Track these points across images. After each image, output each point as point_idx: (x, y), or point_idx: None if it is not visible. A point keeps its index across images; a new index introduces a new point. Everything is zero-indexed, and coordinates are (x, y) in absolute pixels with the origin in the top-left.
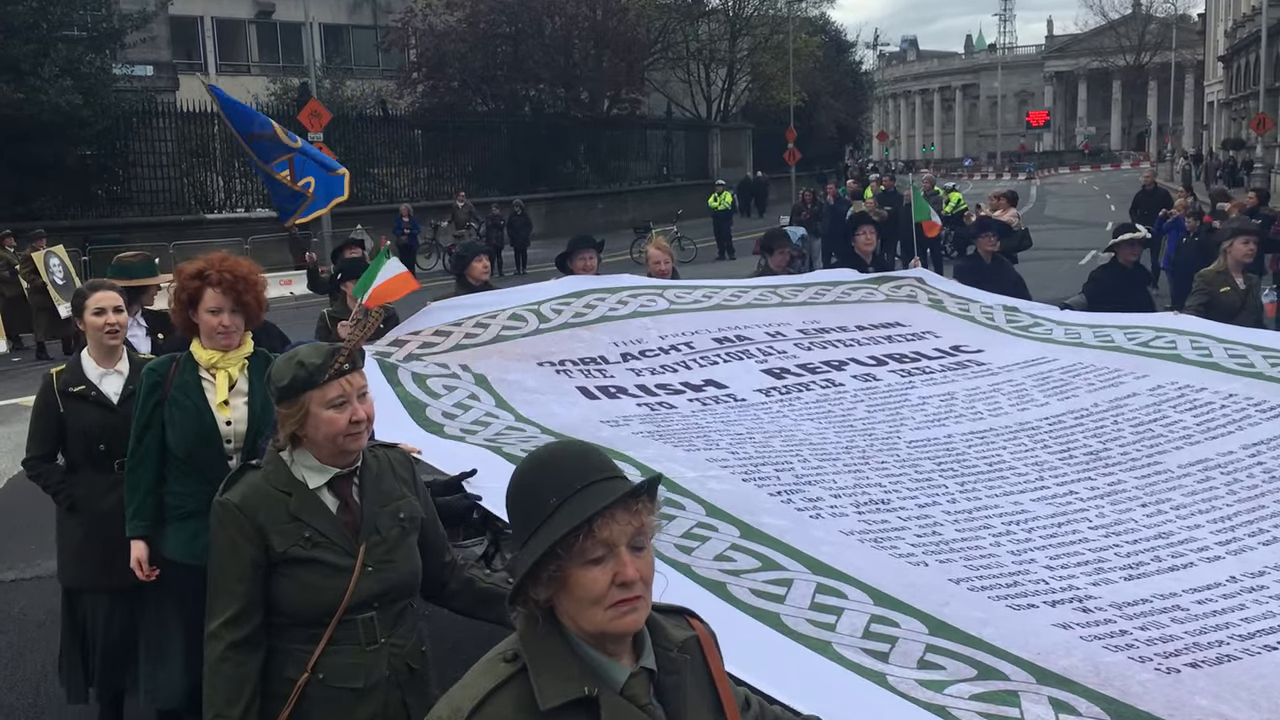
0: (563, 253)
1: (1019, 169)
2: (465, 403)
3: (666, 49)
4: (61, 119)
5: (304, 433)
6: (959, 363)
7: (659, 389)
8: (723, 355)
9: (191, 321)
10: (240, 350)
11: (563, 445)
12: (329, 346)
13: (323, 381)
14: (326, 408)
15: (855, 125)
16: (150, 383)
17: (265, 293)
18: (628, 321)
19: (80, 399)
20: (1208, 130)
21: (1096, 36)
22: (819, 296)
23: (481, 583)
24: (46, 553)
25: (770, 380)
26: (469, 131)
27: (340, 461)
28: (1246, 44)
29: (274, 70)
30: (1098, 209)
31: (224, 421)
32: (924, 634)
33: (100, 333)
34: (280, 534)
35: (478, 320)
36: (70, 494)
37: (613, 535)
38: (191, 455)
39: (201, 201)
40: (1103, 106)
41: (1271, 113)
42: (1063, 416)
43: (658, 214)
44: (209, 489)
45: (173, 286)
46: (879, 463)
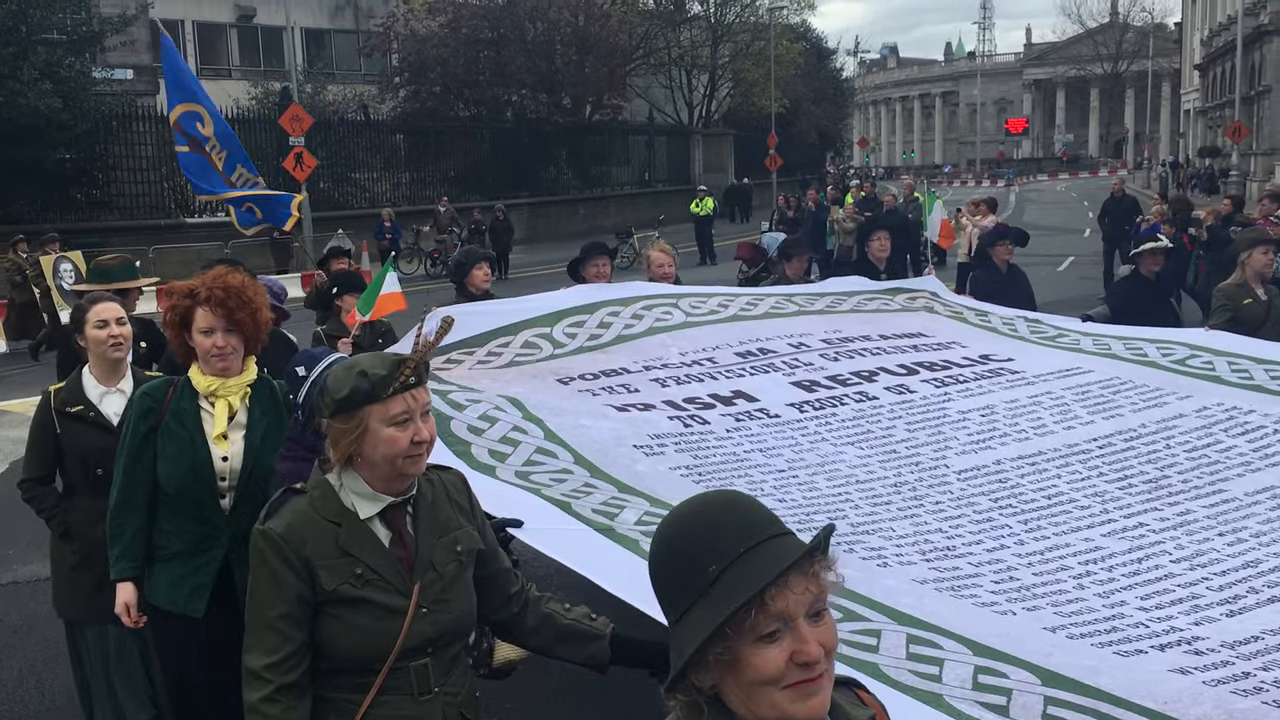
0: (574, 259)
1: (998, 176)
2: (491, 415)
3: (648, 55)
4: (40, 122)
5: (359, 452)
6: (991, 370)
7: (687, 403)
8: (748, 369)
9: (188, 346)
10: (242, 377)
11: (714, 498)
12: (394, 356)
13: (386, 395)
14: (388, 425)
15: (836, 132)
16: (143, 408)
17: (266, 311)
18: (645, 339)
19: (78, 420)
20: (1184, 138)
21: (1074, 45)
22: (836, 305)
23: (562, 618)
24: (22, 558)
25: (801, 394)
26: (451, 136)
27: (395, 488)
28: (1222, 52)
29: (255, 74)
30: (1076, 215)
31: (219, 456)
32: (1037, 685)
33: (104, 346)
34: (329, 570)
35: (490, 349)
36: (64, 519)
37: (789, 607)
38: (182, 491)
39: (182, 205)
40: (1081, 114)
41: (1247, 121)
42: (1111, 438)
43: (639, 219)
44: (196, 529)
45: (166, 309)
46: (934, 504)
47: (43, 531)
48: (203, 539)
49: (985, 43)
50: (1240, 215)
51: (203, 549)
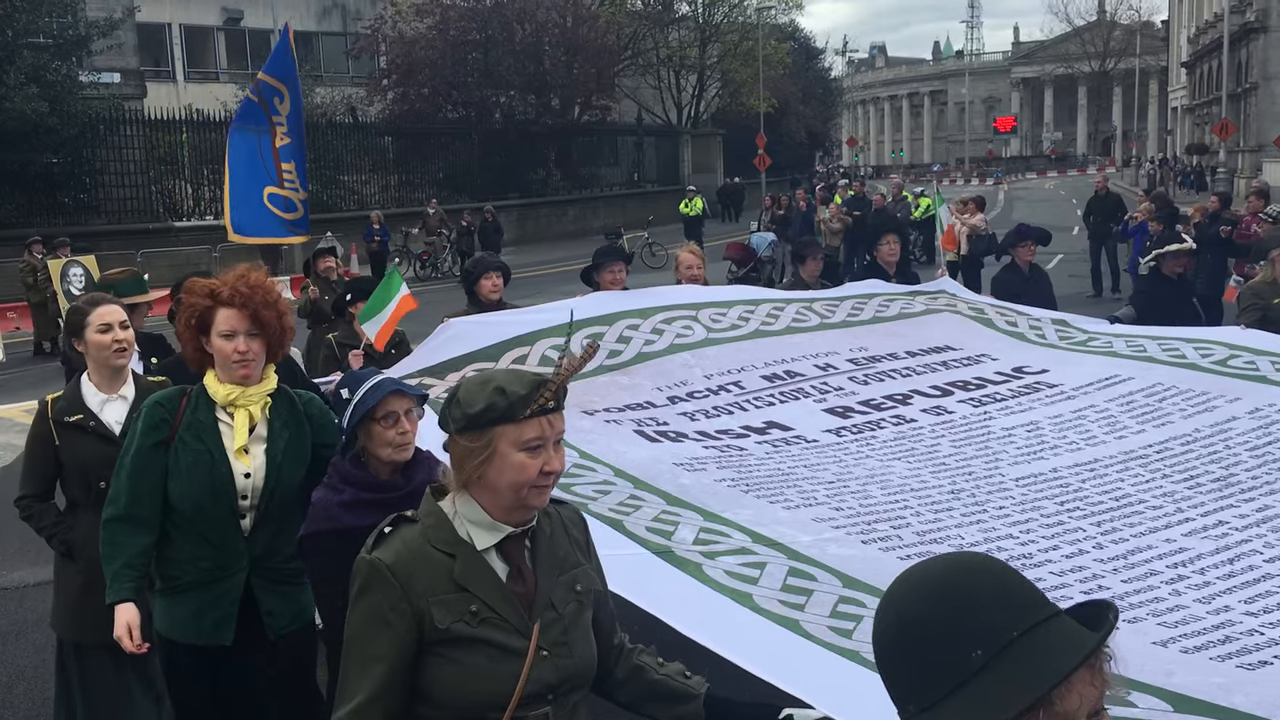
0: (587, 266)
1: (987, 174)
2: None
3: (637, 56)
4: (27, 126)
5: (482, 477)
6: (1027, 386)
7: (720, 434)
8: (776, 395)
9: (204, 351)
10: (263, 385)
11: (965, 561)
12: (533, 375)
13: (523, 417)
14: (519, 449)
15: (825, 131)
16: (154, 419)
17: (291, 315)
18: (667, 359)
19: (78, 430)
20: (1172, 135)
21: (1062, 43)
22: (856, 314)
23: (653, 672)
24: (10, 564)
25: (836, 420)
26: (439, 138)
27: (516, 518)
28: (1209, 50)
29: (243, 77)
30: (1064, 213)
31: (241, 472)
32: (1169, 713)
33: (107, 352)
34: (442, 606)
35: (506, 363)
36: (67, 538)
37: (1076, 708)
38: (199, 511)
39: (170, 209)
40: (1069, 112)
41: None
42: (1167, 443)
43: (629, 220)
44: (214, 555)
45: (181, 310)
46: (997, 509)
47: (31, 538)
48: (221, 565)
49: (973, 41)
50: (1228, 212)
51: (222, 576)
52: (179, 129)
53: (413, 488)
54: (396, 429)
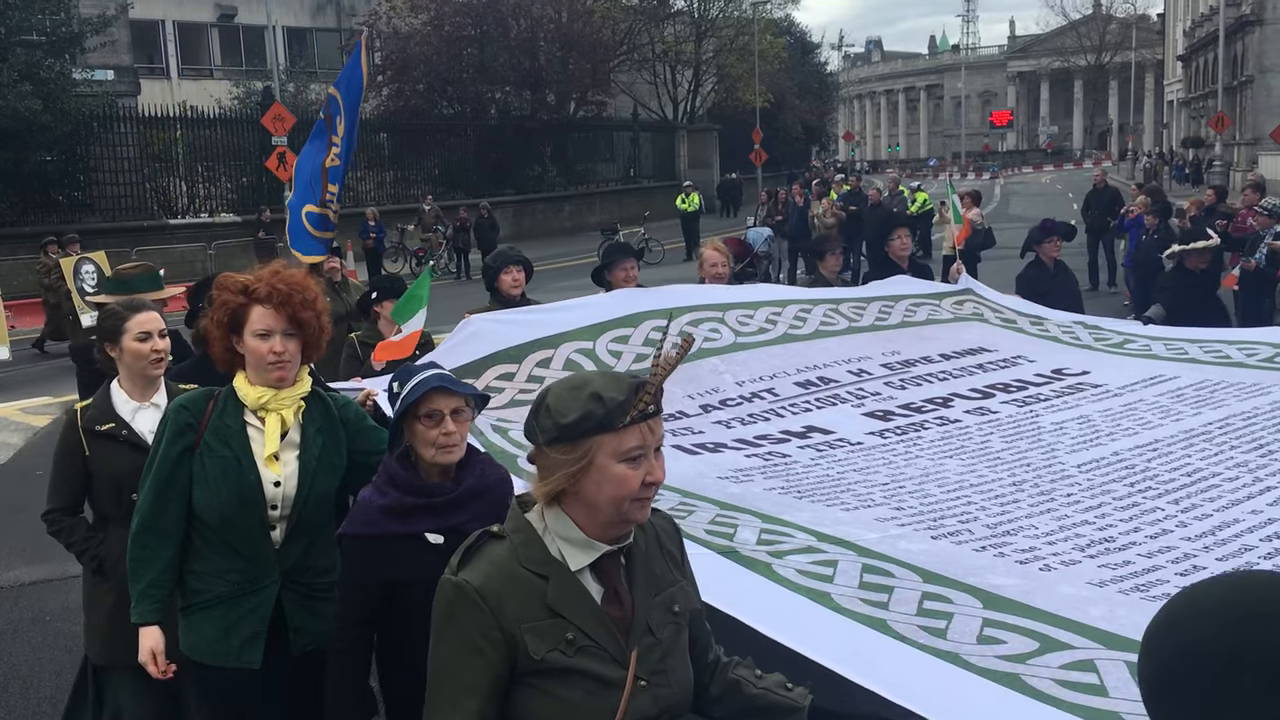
0: (598, 267)
1: (983, 168)
2: None
3: (632, 51)
4: (20, 124)
5: (576, 490)
6: (1070, 386)
7: (760, 439)
8: (812, 401)
9: (234, 351)
10: (296, 388)
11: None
12: (629, 378)
13: (622, 425)
14: (619, 460)
15: (821, 126)
16: (180, 423)
17: (328, 316)
18: (696, 364)
19: (109, 439)
20: (1168, 129)
21: (1058, 37)
22: (884, 317)
23: (751, 686)
24: (5, 563)
25: (878, 423)
26: (435, 135)
27: (612, 534)
28: (1205, 43)
29: (237, 74)
30: (1061, 208)
31: (271, 481)
32: None
33: (144, 361)
34: (536, 634)
35: (531, 370)
36: (98, 554)
37: None
38: (226, 522)
39: (165, 206)
40: (1065, 106)
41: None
42: (1228, 420)
43: (625, 216)
44: (243, 568)
45: (212, 306)
46: (1065, 496)
47: (28, 537)
48: (251, 579)
49: (969, 35)
50: (1223, 205)
51: (251, 590)
52: (173, 126)
53: (460, 492)
54: (440, 429)
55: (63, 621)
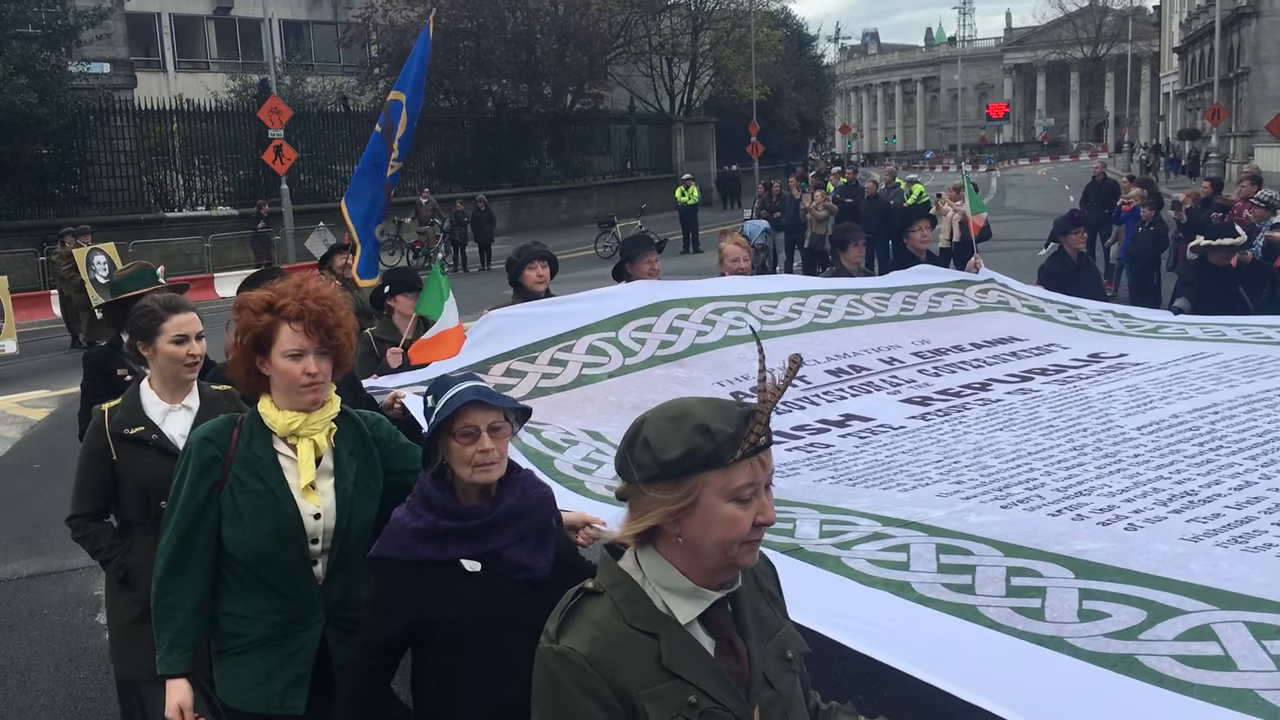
0: (619, 263)
1: (979, 161)
2: (595, 458)
3: (629, 43)
4: (17, 118)
5: (679, 533)
6: (1109, 367)
7: (798, 431)
8: (846, 389)
9: (259, 374)
10: (326, 410)
11: None
12: (737, 406)
13: (732, 460)
14: (728, 499)
15: (818, 118)
16: (204, 458)
17: (355, 332)
18: (723, 351)
19: (138, 443)
20: (1164, 121)
21: (1054, 29)
22: (909, 307)
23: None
24: (3, 556)
25: (917, 408)
26: (431, 128)
27: (719, 580)
28: (1201, 35)
29: (233, 67)
30: (1057, 200)
31: (310, 513)
32: None
33: (179, 365)
34: (656, 701)
35: (553, 356)
36: (124, 563)
37: None
38: (263, 560)
39: (161, 200)
40: (1061, 98)
41: (1226, 103)
42: None
43: (622, 209)
44: (284, 608)
45: (231, 327)
46: (1133, 456)
47: (25, 529)
48: (294, 619)
49: (965, 28)
50: (1219, 197)
51: (294, 631)
52: (169, 119)
53: (497, 514)
54: (477, 446)
55: (61, 614)
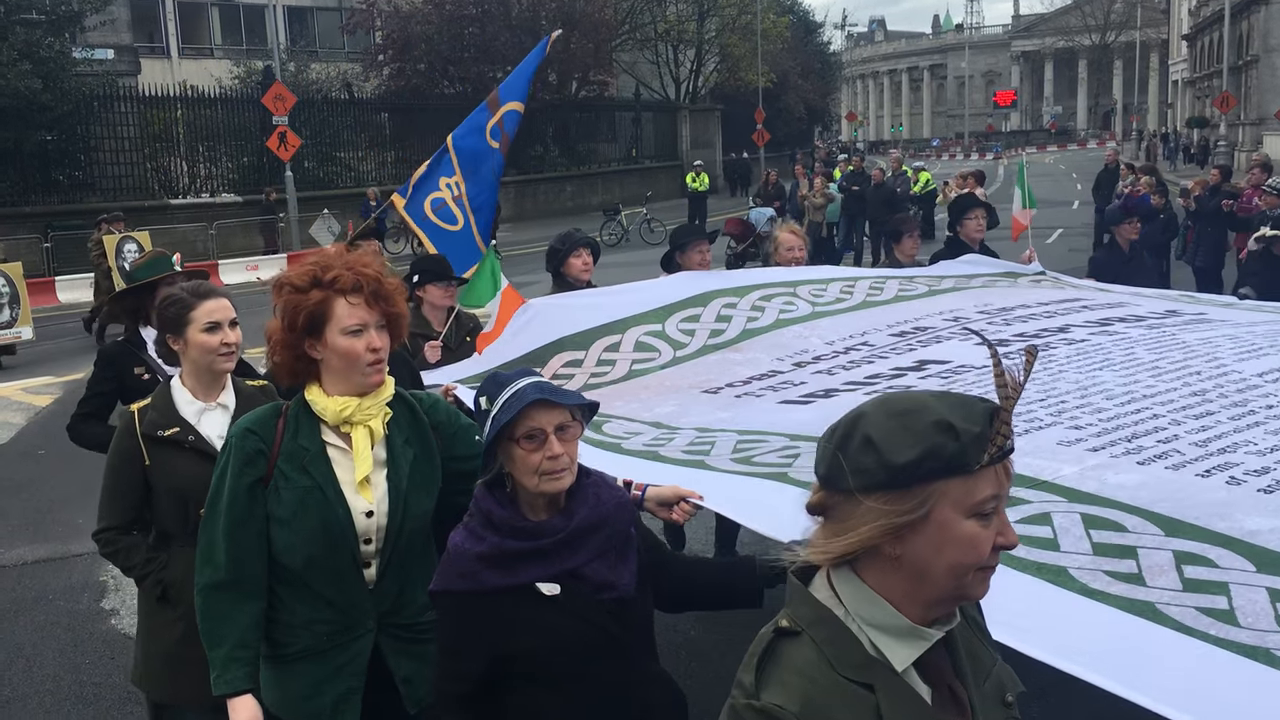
0: (667, 252)
1: (986, 149)
2: (661, 439)
3: (634, 30)
4: (21, 103)
5: (898, 554)
6: (1193, 320)
7: (873, 379)
8: (915, 343)
9: (308, 360)
10: (382, 393)
11: None
12: (979, 401)
13: (979, 465)
14: (968, 514)
15: (824, 106)
16: (247, 451)
17: (406, 297)
18: (777, 333)
19: (173, 446)
20: (1172, 108)
21: (1062, 16)
22: (965, 284)
23: None
24: (8, 541)
25: (999, 349)
26: (436, 114)
27: (937, 614)
28: (1210, 22)
29: (237, 53)
30: (1064, 188)
31: (362, 510)
32: None
33: (212, 355)
34: None
35: (600, 355)
36: (161, 578)
37: None
38: (310, 565)
39: (165, 186)
40: (1069, 86)
41: (1235, 91)
42: None
43: (627, 196)
44: (333, 615)
45: (283, 311)
46: (1265, 406)
47: (30, 515)
48: (344, 627)
49: (973, 15)
50: (1228, 185)
51: (345, 640)
52: (173, 105)
53: (573, 529)
54: (544, 452)
55: (65, 600)
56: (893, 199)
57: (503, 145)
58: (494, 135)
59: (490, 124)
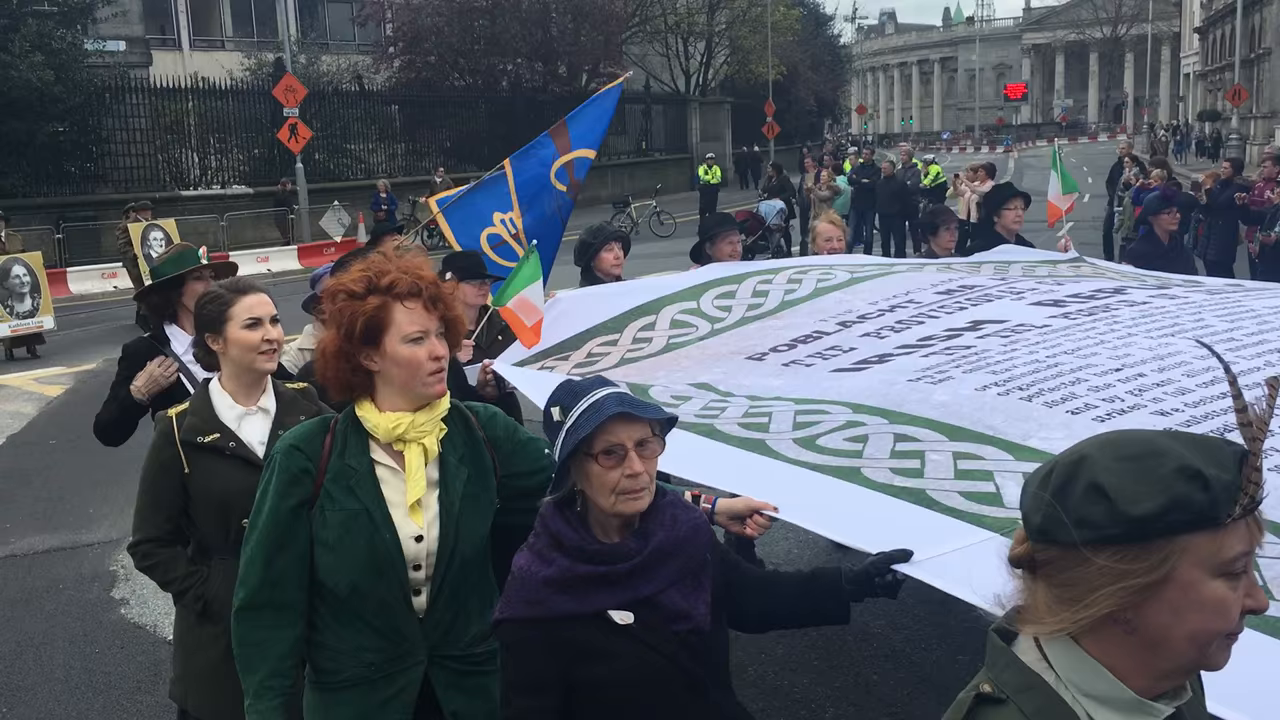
0: (696, 244)
1: (997, 142)
2: (714, 406)
3: (644, 22)
4: (33, 95)
5: (1132, 620)
6: (1254, 291)
7: (927, 340)
8: (965, 302)
9: (364, 372)
10: (437, 407)
11: None
12: (1229, 448)
13: (1229, 519)
14: (1215, 575)
15: (834, 99)
16: (293, 470)
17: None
18: (817, 300)
19: (214, 453)
20: (1184, 102)
21: (1074, 9)
22: (1004, 269)
23: None
24: (19, 531)
25: (1053, 309)
26: (446, 106)
27: (1168, 686)
28: (1222, 15)
29: (248, 45)
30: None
31: (412, 535)
32: None
33: (253, 353)
34: None
35: (634, 334)
36: (202, 593)
37: None
38: (356, 592)
39: (176, 178)
40: (1080, 79)
41: (1247, 84)
42: None
43: (637, 189)
44: (379, 646)
45: (335, 321)
46: None
47: (41, 505)
48: (392, 658)
49: (984, 7)
50: (1239, 178)
51: (393, 671)
52: (185, 97)
53: (649, 554)
54: (624, 469)
55: (76, 589)
56: (903, 192)
57: (572, 190)
58: (560, 177)
59: (557, 164)
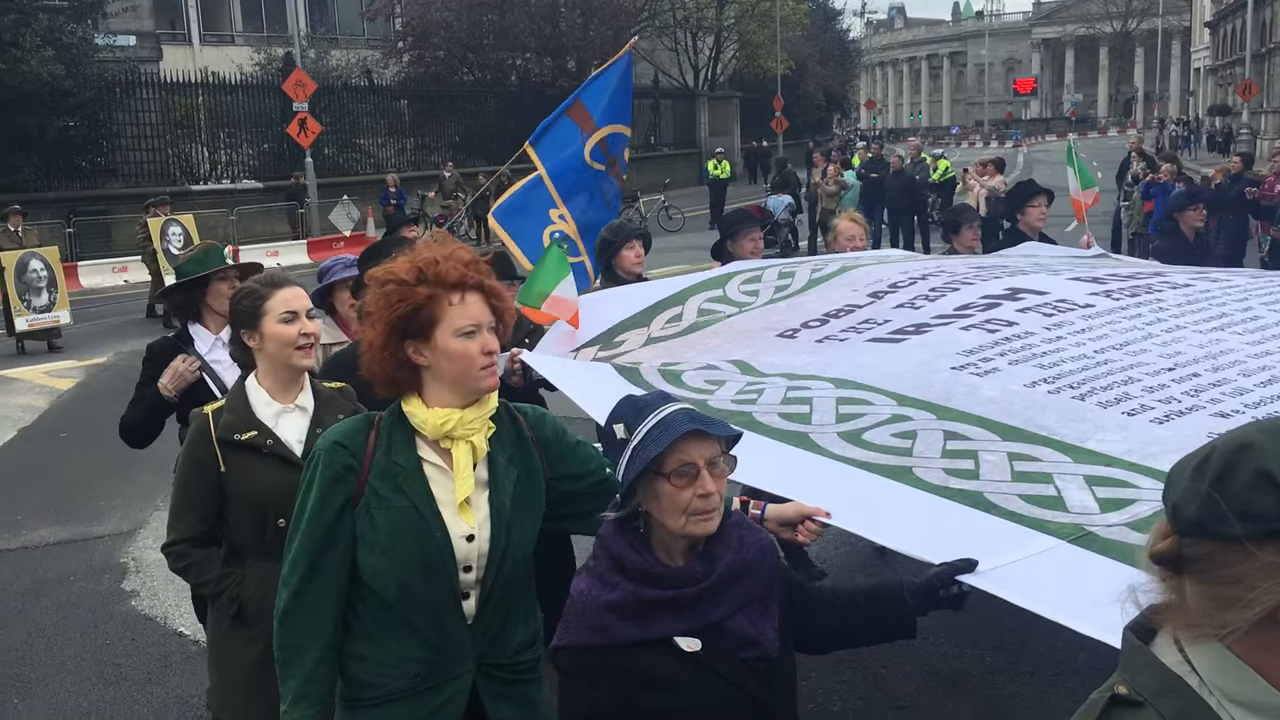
0: (718, 241)
1: (1006, 136)
2: (749, 390)
3: (653, 17)
4: (43, 90)
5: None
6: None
7: (964, 310)
8: (1000, 271)
9: (411, 367)
10: (486, 405)
11: None
12: None
13: None
14: None
15: (843, 93)
16: (337, 467)
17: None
18: (843, 276)
19: (251, 451)
20: (1194, 96)
21: (1084, 3)
22: (1031, 259)
23: None
24: (30, 523)
25: (1095, 286)
26: (455, 101)
27: None
28: (1233, 10)
29: (258, 40)
30: None
31: (463, 535)
32: None
33: (289, 348)
34: None
35: (662, 322)
36: (236, 596)
37: None
38: (405, 594)
39: (186, 173)
40: (1090, 73)
41: (1258, 78)
42: None
43: (645, 183)
44: (425, 655)
45: (379, 310)
46: None
47: (51, 497)
48: (438, 668)
49: (993, 2)
50: (1249, 173)
51: (440, 681)
52: (195, 92)
53: (717, 578)
54: (695, 489)
55: (87, 581)
56: (911, 186)
57: (611, 168)
58: (596, 156)
59: (590, 144)
